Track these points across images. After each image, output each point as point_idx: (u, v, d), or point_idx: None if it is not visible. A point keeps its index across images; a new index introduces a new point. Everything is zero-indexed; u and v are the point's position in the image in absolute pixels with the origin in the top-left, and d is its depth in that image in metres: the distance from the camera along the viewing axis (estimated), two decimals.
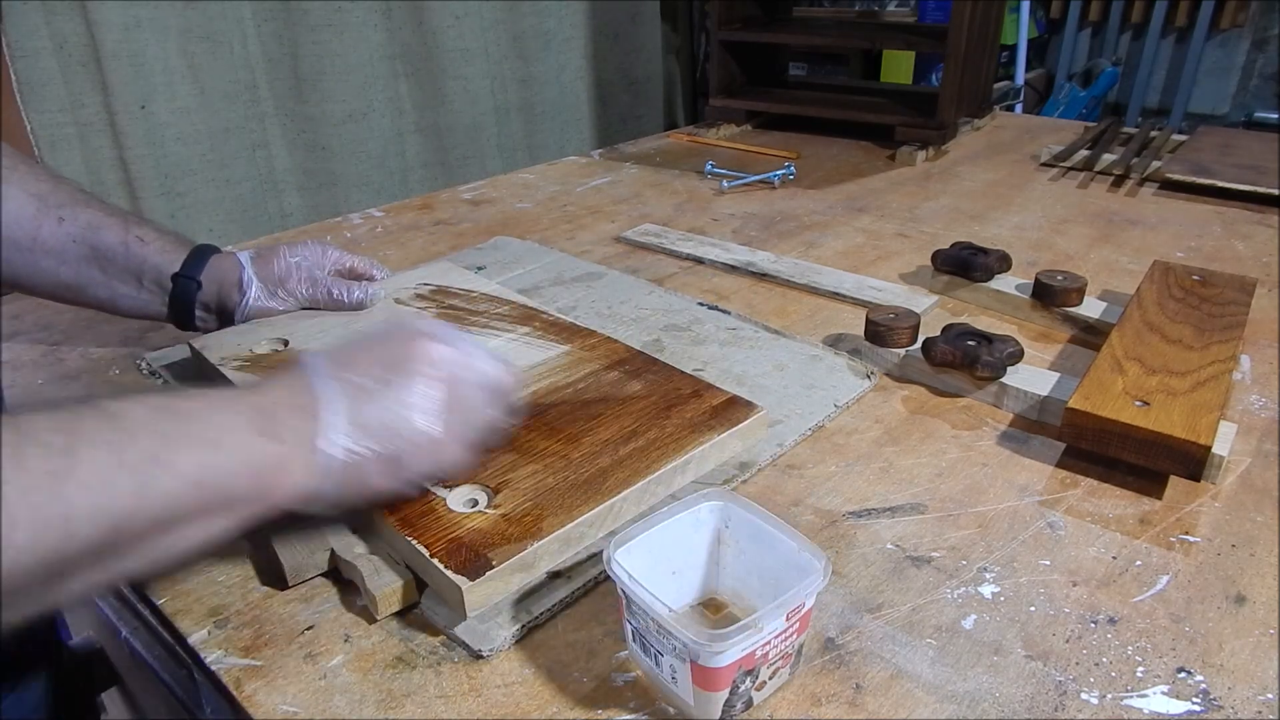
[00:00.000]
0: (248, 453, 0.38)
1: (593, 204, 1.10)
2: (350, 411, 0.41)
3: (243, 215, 1.38)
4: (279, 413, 0.40)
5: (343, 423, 0.41)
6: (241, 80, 1.32)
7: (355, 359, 0.43)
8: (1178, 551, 0.50)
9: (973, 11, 1.25)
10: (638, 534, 0.42)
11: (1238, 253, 0.92)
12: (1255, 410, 0.64)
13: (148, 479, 0.34)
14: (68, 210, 0.61)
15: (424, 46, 1.51)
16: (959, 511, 0.53)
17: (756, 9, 1.52)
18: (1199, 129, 1.33)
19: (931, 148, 1.29)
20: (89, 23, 1.14)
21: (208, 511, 0.37)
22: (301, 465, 0.40)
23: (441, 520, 0.46)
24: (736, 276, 0.87)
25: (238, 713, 0.41)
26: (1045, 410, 0.62)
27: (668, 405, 0.56)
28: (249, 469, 0.38)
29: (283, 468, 0.39)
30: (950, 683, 0.41)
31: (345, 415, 0.41)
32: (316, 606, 0.46)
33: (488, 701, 0.41)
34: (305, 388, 0.41)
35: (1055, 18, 3.12)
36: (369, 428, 0.41)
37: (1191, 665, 0.42)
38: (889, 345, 0.68)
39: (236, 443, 0.38)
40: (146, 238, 0.64)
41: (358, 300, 0.69)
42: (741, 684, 0.38)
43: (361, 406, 0.41)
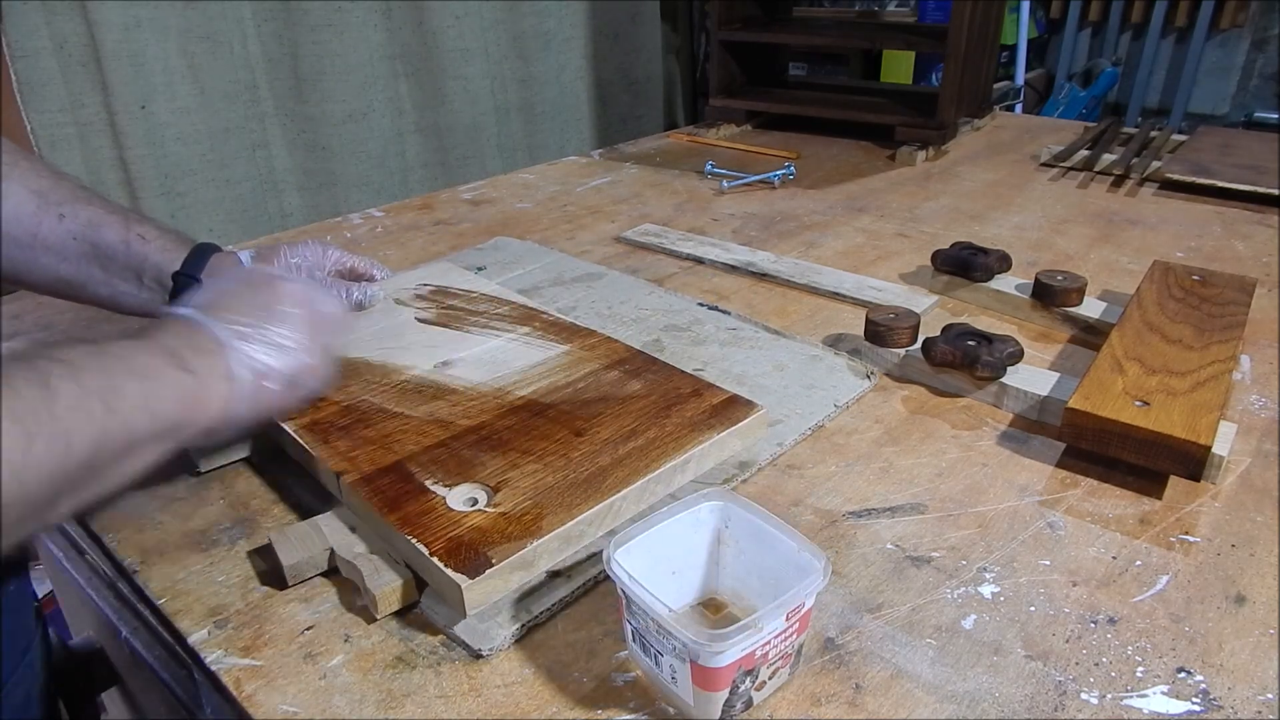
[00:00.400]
0: (177, 384, 0.43)
1: (593, 204, 1.10)
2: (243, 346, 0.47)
3: (243, 215, 1.38)
4: (186, 352, 0.45)
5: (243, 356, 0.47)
6: (241, 80, 1.32)
7: (227, 305, 0.49)
8: (1178, 551, 0.50)
9: (973, 11, 1.25)
10: (637, 534, 0.42)
11: (1238, 253, 0.92)
12: (1255, 410, 0.64)
13: (110, 404, 0.39)
14: (68, 207, 0.61)
15: (424, 46, 1.51)
16: (959, 511, 0.53)
17: (756, 9, 1.52)
18: (1199, 129, 1.33)
19: (931, 148, 1.29)
20: (89, 23, 1.14)
21: (156, 436, 0.42)
22: (218, 394, 0.46)
23: (441, 519, 0.46)
24: (736, 276, 0.87)
25: (238, 713, 0.41)
26: (1045, 410, 0.62)
27: (667, 404, 0.56)
28: (179, 396, 0.43)
29: (204, 397, 0.45)
30: (950, 683, 0.41)
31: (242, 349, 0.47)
32: (316, 606, 0.46)
33: (488, 701, 0.41)
34: (199, 332, 0.47)
35: (1055, 18, 3.12)
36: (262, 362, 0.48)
37: (1191, 665, 0.42)
38: (889, 345, 0.68)
39: (165, 377, 0.43)
40: (147, 235, 0.64)
41: (357, 301, 0.69)
42: (741, 684, 0.38)
43: (251, 344, 0.48)
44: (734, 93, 1.49)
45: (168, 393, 0.43)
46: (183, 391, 0.43)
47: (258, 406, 0.48)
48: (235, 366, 0.46)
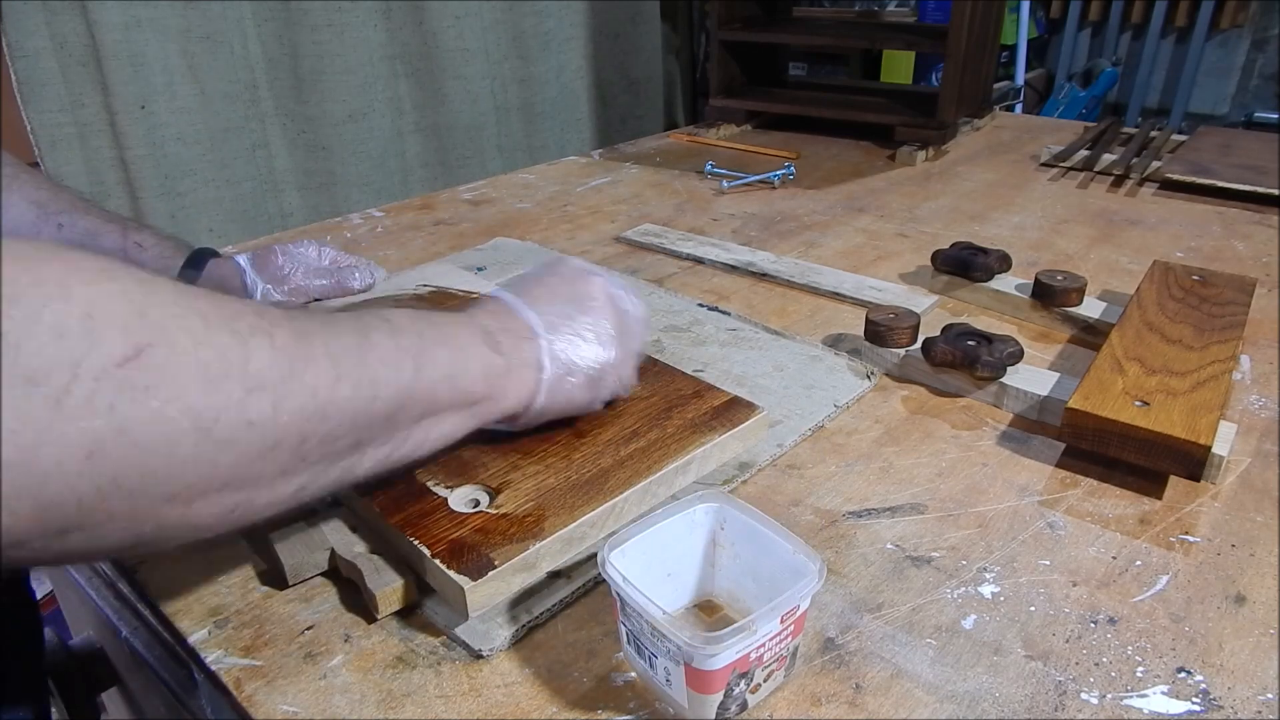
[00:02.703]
0: (485, 361, 0.44)
1: (593, 204, 1.10)
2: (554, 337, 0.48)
3: (243, 215, 1.38)
4: (500, 335, 0.46)
5: (553, 347, 0.47)
6: (241, 80, 1.32)
7: (539, 294, 0.50)
8: (1178, 551, 0.50)
9: (973, 11, 1.25)
10: (632, 536, 0.42)
11: (1238, 253, 0.92)
12: (1255, 410, 0.64)
13: (419, 365, 0.40)
14: (67, 217, 0.61)
15: (424, 46, 1.51)
16: (959, 511, 0.53)
17: (756, 9, 1.52)
18: (1199, 129, 1.33)
19: (931, 148, 1.29)
20: (89, 23, 1.14)
21: (455, 406, 0.43)
22: (521, 380, 0.46)
23: (443, 520, 0.46)
24: (736, 276, 0.87)
25: (238, 713, 0.41)
26: (1045, 410, 0.62)
27: (669, 406, 0.56)
28: (485, 374, 0.44)
29: (509, 379, 0.46)
30: (950, 683, 0.41)
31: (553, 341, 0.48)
32: (316, 606, 0.46)
33: (488, 701, 0.41)
34: (514, 317, 0.48)
35: (1055, 18, 3.12)
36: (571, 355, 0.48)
37: (1191, 665, 0.42)
38: (889, 345, 0.68)
39: (475, 351, 0.44)
40: (145, 244, 0.64)
41: (364, 283, 0.70)
42: (736, 686, 0.38)
43: (561, 337, 0.48)
44: (734, 93, 1.49)
45: (475, 368, 0.44)
46: (490, 370, 0.44)
47: (558, 400, 0.48)
48: (544, 356, 0.47)
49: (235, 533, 0.37)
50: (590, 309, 0.50)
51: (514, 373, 0.46)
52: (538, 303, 0.49)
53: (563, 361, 0.48)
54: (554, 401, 0.48)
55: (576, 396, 0.49)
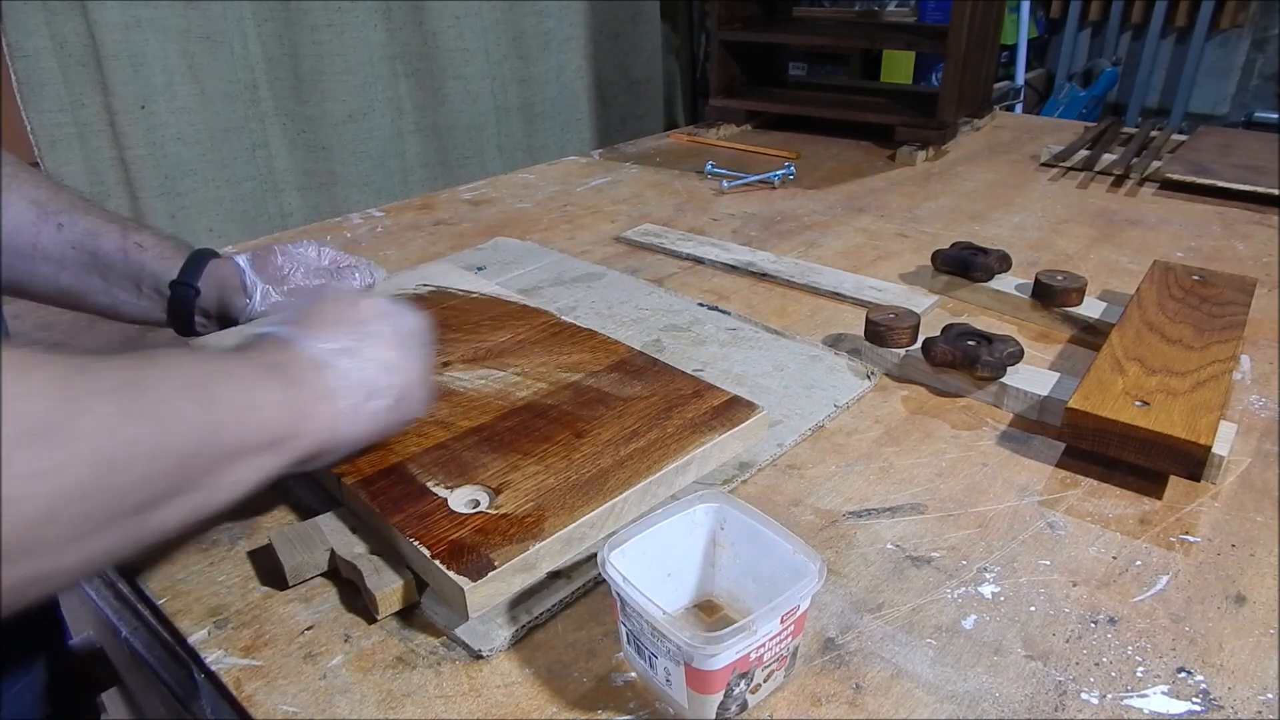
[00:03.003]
0: (278, 395, 0.41)
1: (593, 204, 1.10)
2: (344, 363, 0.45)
3: (243, 215, 1.38)
4: (286, 368, 0.43)
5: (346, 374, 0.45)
6: (241, 80, 1.32)
7: (313, 325, 0.47)
8: (1178, 551, 0.50)
9: (973, 11, 1.25)
10: (632, 536, 0.42)
11: (1238, 253, 0.92)
12: (1255, 410, 0.64)
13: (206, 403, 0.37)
14: (67, 217, 0.61)
15: (424, 46, 1.51)
16: (959, 511, 0.53)
17: (756, 9, 1.52)
18: (1199, 129, 1.33)
19: (931, 148, 1.29)
20: (89, 23, 1.14)
21: (255, 447, 0.39)
22: (325, 413, 0.44)
23: (443, 521, 0.46)
24: (736, 276, 0.87)
25: (238, 713, 0.41)
26: (1045, 410, 0.62)
27: (668, 406, 0.56)
28: (284, 409, 0.41)
29: (309, 413, 0.43)
30: (950, 683, 0.41)
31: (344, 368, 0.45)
32: (316, 606, 0.46)
33: (488, 701, 0.41)
34: (294, 349, 0.45)
35: (1055, 18, 3.12)
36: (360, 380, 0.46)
37: (1191, 665, 0.42)
38: (889, 345, 0.68)
39: (267, 387, 0.41)
40: (145, 244, 0.64)
41: (364, 284, 0.70)
42: (736, 686, 0.38)
43: (355, 361, 0.46)
44: (734, 93, 1.49)
45: (270, 400, 0.41)
46: (287, 402, 0.41)
47: (365, 427, 0.46)
48: (338, 385, 0.44)
49: None
50: (373, 331, 0.48)
51: (312, 405, 0.43)
52: (314, 332, 0.46)
53: (358, 386, 0.45)
54: (357, 429, 0.46)
55: (382, 420, 0.47)
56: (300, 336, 0.46)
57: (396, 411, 0.48)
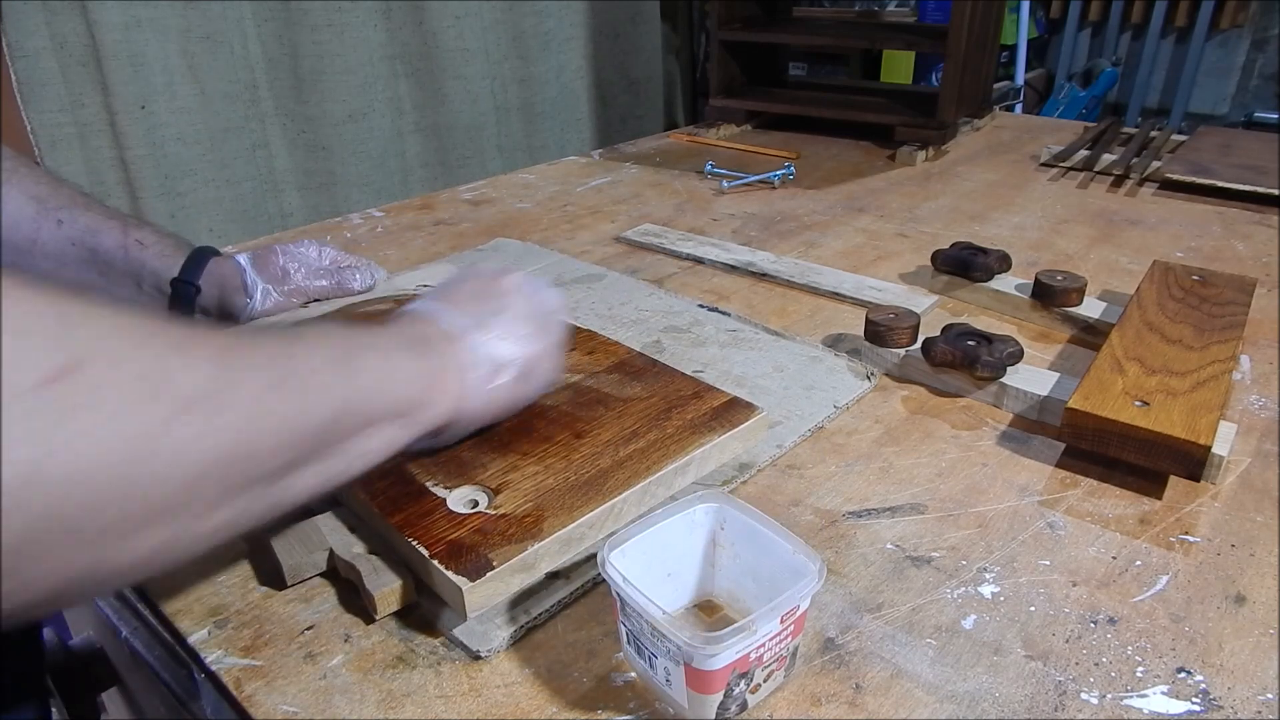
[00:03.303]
0: (414, 366, 0.43)
1: (593, 204, 1.10)
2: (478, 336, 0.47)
3: (243, 215, 1.38)
4: (424, 340, 0.45)
5: (479, 346, 0.47)
6: (241, 80, 1.32)
7: (456, 299, 0.49)
8: (1178, 551, 0.50)
9: (973, 11, 1.25)
10: (632, 536, 0.42)
11: (1238, 253, 0.92)
12: (1255, 410, 0.64)
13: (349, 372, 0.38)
14: (67, 213, 0.61)
15: (424, 46, 1.51)
16: (959, 511, 0.53)
17: (756, 9, 1.52)
18: (1199, 129, 1.33)
19: (931, 148, 1.29)
20: (89, 23, 1.14)
21: (389, 416, 0.41)
22: (454, 384, 0.45)
23: (442, 521, 0.46)
24: (736, 276, 0.87)
25: (238, 713, 0.41)
26: (1045, 410, 0.62)
27: (668, 407, 0.56)
28: (417, 380, 0.43)
29: (441, 384, 0.45)
30: (950, 683, 0.41)
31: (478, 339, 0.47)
32: (316, 606, 0.46)
33: (487, 701, 0.41)
34: (433, 323, 0.47)
35: (1055, 18, 3.12)
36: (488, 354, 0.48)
37: (1191, 665, 0.42)
38: (889, 345, 0.68)
39: (403, 357, 0.43)
40: (145, 241, 0.64)
41: (365, 284, 0.70)
42: (736, 686, 0.38)
43: (485, 334, 0.48)
44: (734, 93, 1.49)
45: (407, 371, 0.43)
46: (422, 373, 0.43)
47: (492, 398, 0.48)
48: (472, 356, 0.46)
49: None
50: (507, 306, 0.50)
51: (444, 376, 0.45)
52: (455, 307, 0.49)
53: (490, 359, 0.47)
54: (487, 402, 0.48)
55: (507, 394, 0.49)
56: (438, 311, 0.48)
57: (522, 385, 0.49)
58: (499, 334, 0.48)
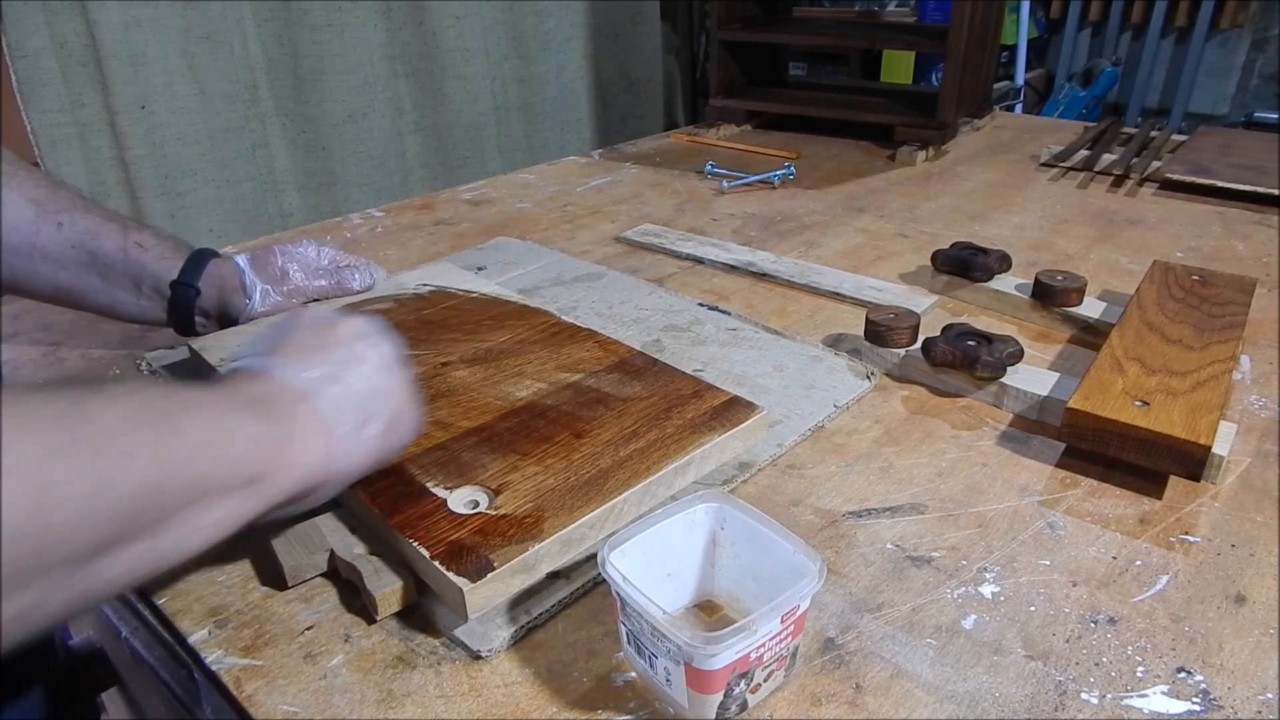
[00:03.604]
0: (252, 430, 0.38)
1: (593, 204, 1.10)
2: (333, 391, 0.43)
3: (243, 215, 1.38)
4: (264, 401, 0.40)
5: (336, 402, 0.42)
6: (241, 80, 1.32)
7: (290, 352, 0.44)
8: (1178, 551, 0.50)
9: (973, 11, 1.25)
10: (632, 536, 0.42)
11: (1238, 253, 0.92)
12: (1255, 410, 0.64)
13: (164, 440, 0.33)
14: (66, 215, 0.61)
15: (424, 46, 1.51)
16: (959, 511, 0.53)
17: (756, 9, 1.52)
18: (1199, 129, 1.33)
19: (931, 148, 1.29)
20: (89, 23, 1.14)
21: (224, 487, 0.36)
22: (308, 446, 0.41)
23: (442, 522, 0.46)
24: (736, 276, 0.87)
25: (238, 713, 0.41)
26: (1045, 410, 0.62)
27: (668, 406, 0.56)
28: (259, 444, 0.38)
29: (290, 448, 0.40)
30: (950, 683, 0.41)
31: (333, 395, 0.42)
32: (316, 606, 0.46)
33: (488, 701, 0.41)
34: (271, 380, 0.42)
35: (1055, 18, 3.12)
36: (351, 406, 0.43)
37: (1191, 665, 0.42)
38: (889, 345, 0.68)
39: (237, 420, 0.38)
40: (145, 244, 0.64)
41: (364, 284, 0.70)
42: (736, 686, 0.38)
43: (332, 388, 0.43)
44: (734, 93, 1.49)
45: (240, 437, 0.37)
46: (261, 439, 0.38)
47: (357, 458, 0.43)
48: (328, 413, 0.41)
49: None
50: (352, 354, 0.45)
51: (295, 440, 0.40)
52: (293, 359, 0.43)
53: (350, 413, 0.42)
54: (352, 461, 0.43)
55: (375, 449, 0.44)
56: (278, 366, 0.42)
57: (390, 436, 0.45)
58: (356, 385, 0.43)
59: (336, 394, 0.42)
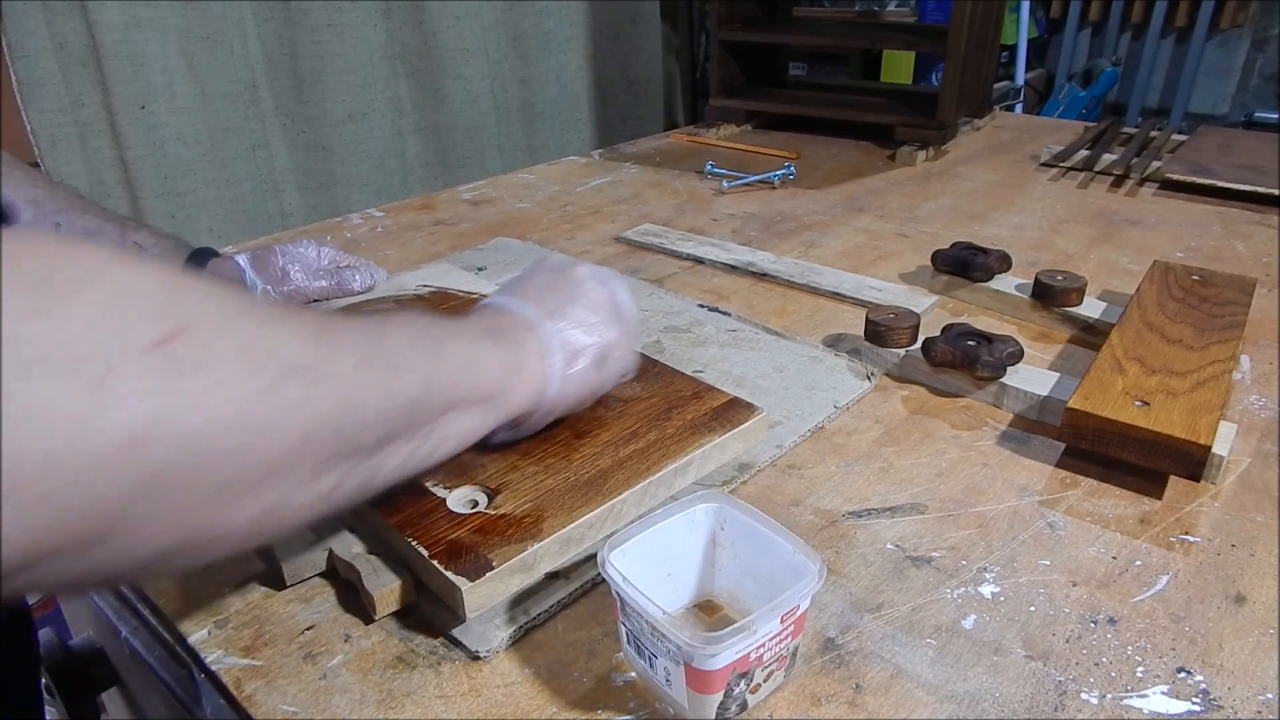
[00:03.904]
0: (495, 355, 0.44)
1: (593, 204, 1.10)
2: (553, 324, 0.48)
3: (243, 215, 1.38)
4: (502, 331, 0.46)
5: (554, 333, 0.47)
6: (241, 80, 1.32)
7: (529, 290, 0.50)
8: (1178, 551, 0.50)
9: (973, 11, 1.25)
10: (632, 536, 0.42)
11: (1238, 253, 0.92)
12: (1255, 410, 0.64)
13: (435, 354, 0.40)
14: (64, 216, 0.61)
15: (424, 46, 1.51)
16: (959, 511, 0.53)
17: (756, 9, 1.52)
18: (1199, 129, 1.33)
19: (931, 148, 1.29)
20: (89, 23, 1.14)
21: (473, 401, 0.42)
22: (532, 372, 0.46)
23: (441, 521, 0.46)
24: (736, 277, 0.87)
25: (238, 713, 0.41)
26: (1045, 410, 0.62)
27: (668, 407, 0.56)
28: (499, 367, 0.44)
29: (522, 371, 0.45)
30: (950, 683, 0.41)
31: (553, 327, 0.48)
32: (316, 606, 0.46)
33: (487, 701, 0.41)
34: (510, 314, 0.48)
35: (1055, 18, 3.11)
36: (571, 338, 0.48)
37: (1191, 665, 0.42)
38: (889, 345, 0.68)
39: (485, 346, 0.44)
40: (144, 243, 0.64)
41: (364, 284, 0.70)
42: (736, 686, 0.38)
43: (559, 323, 0.48)
44: (734, 93, 1.49)
45: (489, 358, 0.43)
46: (502, 361, 0.44)
47: (570, 387, 0.48)
48: (549, 344, 0.47)
49: None
50: (582, 295, 0.50)
51: (524, 365, 0.46)
52: (530, 297, 0.49)
53: (568, 346, 0.48)
54: (565, 389, 0.48)
55: (586, 381, 0.49)
56: (512, 304, 0.48)
57: (598, 372, 0.50)
58: (572, 322, 0.48)
59: (557, 328, 0.48)
